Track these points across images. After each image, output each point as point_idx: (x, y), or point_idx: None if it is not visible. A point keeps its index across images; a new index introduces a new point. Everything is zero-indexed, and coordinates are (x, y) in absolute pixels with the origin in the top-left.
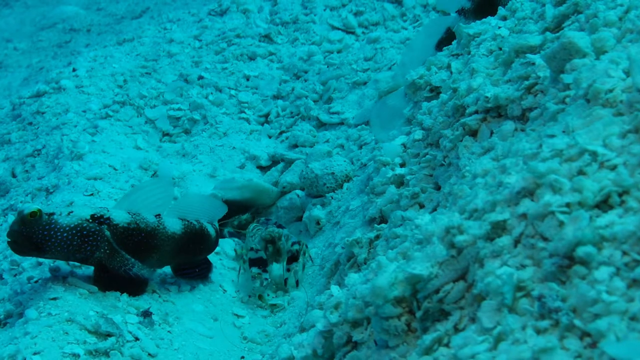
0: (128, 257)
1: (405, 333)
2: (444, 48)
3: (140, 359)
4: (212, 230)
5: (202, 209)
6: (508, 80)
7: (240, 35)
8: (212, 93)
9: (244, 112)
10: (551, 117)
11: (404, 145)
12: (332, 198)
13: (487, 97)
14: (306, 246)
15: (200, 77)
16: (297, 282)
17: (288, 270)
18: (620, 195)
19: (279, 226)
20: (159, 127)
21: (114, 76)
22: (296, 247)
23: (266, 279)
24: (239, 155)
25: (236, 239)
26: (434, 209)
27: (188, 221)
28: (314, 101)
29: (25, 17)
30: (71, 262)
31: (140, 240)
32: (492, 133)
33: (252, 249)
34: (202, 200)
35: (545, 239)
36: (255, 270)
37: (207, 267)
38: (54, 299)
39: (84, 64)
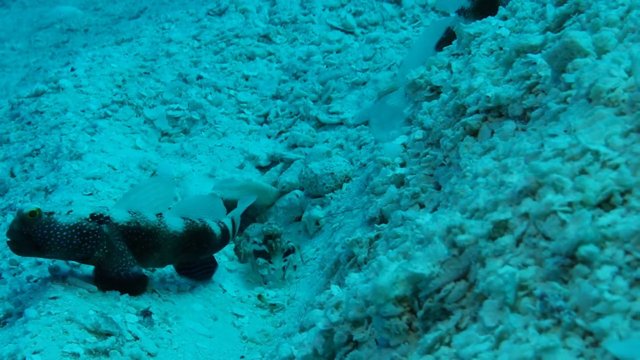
0: (126, 257)
1: (407, 332)
2: (444, 48)
3: (140, 359)
4: (216, 229)
5: (204, 208)
6: (509, 79)
7: (239, 35)
8: (211, 93)
9: (243, 112)
10: (553, 117)
11: (404, 145)
12: (331, 198)
13: (488, 96)
14: (298, 247)
15: (199, 77)
16: (294, 267)
17: (285, 261)
18: (622, 194)
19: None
20: (158, 127)
21: (112, 76)
22: (291, 244)
23: (273, 268)
24: (238, 155)
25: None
26: (435, 209)
27: (191, 220)
28: (313, 101)
29: (23, 17)
30: (70, 262)
31: (141, 239)
32: (493, 133)
33: (255, 242)
34: (202, 200)
35: (547, 239)
36: (261, 260)
37: (212, 266)
38: (54, 298)
39: (83, 63)
